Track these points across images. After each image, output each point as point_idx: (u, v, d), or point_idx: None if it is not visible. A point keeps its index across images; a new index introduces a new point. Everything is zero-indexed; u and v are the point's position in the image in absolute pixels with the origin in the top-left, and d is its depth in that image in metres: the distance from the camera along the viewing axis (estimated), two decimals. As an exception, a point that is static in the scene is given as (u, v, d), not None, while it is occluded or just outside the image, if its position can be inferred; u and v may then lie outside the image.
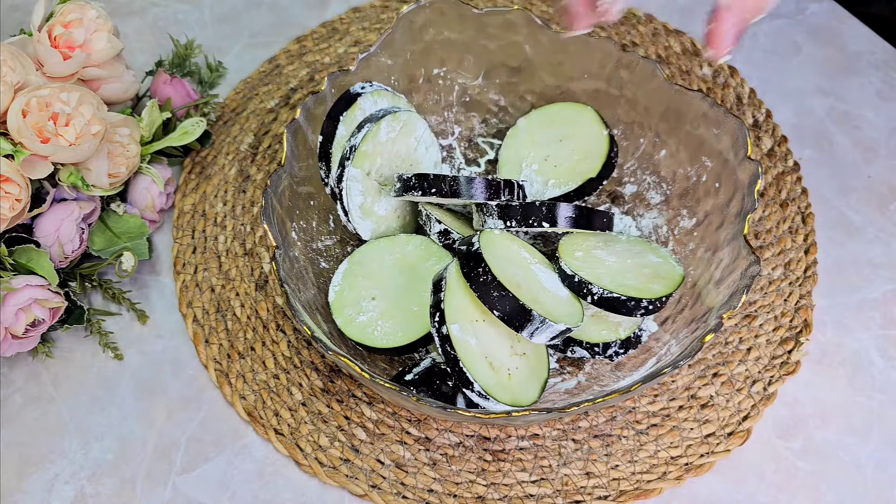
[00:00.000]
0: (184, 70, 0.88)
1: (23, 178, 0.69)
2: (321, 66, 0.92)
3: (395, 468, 0.68)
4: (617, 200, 0.79)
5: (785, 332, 0.74)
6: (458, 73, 0.81)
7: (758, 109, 0.87)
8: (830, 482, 0.67)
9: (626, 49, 0.75)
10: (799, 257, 0.77)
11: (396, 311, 0.69)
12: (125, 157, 0.75)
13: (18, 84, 0.69)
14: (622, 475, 0.67)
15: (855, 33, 0.94)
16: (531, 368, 0.67)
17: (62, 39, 0.73)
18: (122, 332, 0.76)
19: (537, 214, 0.68)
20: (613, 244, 0.72)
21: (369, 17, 0.96)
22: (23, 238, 0.72)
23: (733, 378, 0.71)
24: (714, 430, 0.69)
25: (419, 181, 0.69)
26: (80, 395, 0.73)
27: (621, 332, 0.69)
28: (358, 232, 0.73)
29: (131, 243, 0.76)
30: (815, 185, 0.83)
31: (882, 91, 0.89)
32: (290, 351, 0.74)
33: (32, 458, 0.70)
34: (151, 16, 0.98)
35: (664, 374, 0.59)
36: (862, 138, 0.86)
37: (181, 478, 0.69)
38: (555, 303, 0.66)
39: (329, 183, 0.73)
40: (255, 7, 0.98)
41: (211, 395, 0.73)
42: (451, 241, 0.73)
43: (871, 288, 0.77)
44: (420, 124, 0.75)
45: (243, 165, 0.85)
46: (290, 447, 0.69)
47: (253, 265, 0.78)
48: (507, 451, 0.69)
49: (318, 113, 0.73)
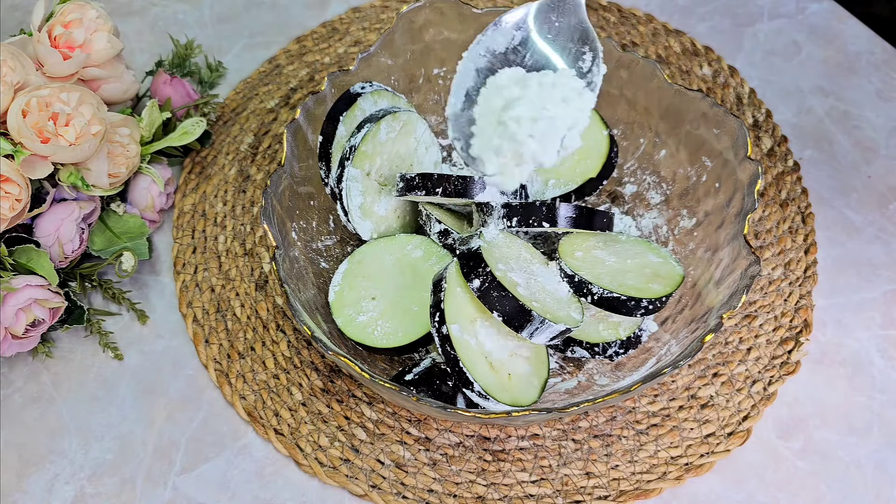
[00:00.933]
0: (184, 70, 0.88)
1: (23, 178, 0.69)
2: (321, 66, 0.92)
3: (395, 468, 0.68)
4: (617, 200, 0.79)
5: (785, 332, 0.74)
6: (458, 73, 0.81)
7: (758, 109, 0.87)
8: (830, 482, 0.67)
9: (626, 49, 0.75)
10: (799, 257, 0.78)
11: (396, 311, 0.69)
12: (125, 157, 0.75)
13: (18, 84, 0.69)
14: (622, 475, 0.67)
15: (855, 33, 0.94)
16: (531, 368, 0.67)
17: (62, 39, 0.73)
18: (122, 332, 0.76)
19: (537, 214, 0.68)
20: (613, 244, 0.72)
21: (369, 17, 0.96)
22: (23, 238, 0.72)
23: (733, 378, 0.71)
24: (714, 430, 0.69)
25: (423, 181, 0.69)
26: (80, 395, 0.73)
27: (621, 332, 0.69)
28: (358, 232, 0.73)
29: (131, 243, 0.76)
30: (815, 185, 0.83)
31: (882, 91, 0.89)
32: (290, 351, 0.74)
33: (32, 458, 0.70)
34: (151, 16, 0.98)
35: (664, 374, 0.59)
36: (862, 138, 0.86)
37: (181, 478, 0.69)
38: (555, 303, 0.66)
39: (329, 183, 0.73)
40: (255, 7, 0.98)
41: (211, 395, 0.73)
42: (451, 241, 0.73)
43: (871, 288, 0.77)
44: (420, 124, 0.75)
45: (243, 165, 0.85)
46: (290, 447, 0.69)
47: (253, 265, 0.78)
48: (507, 451, 0.69)
49: (318, 113, 0.73)
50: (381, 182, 0.73)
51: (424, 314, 0.69)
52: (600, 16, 0.95)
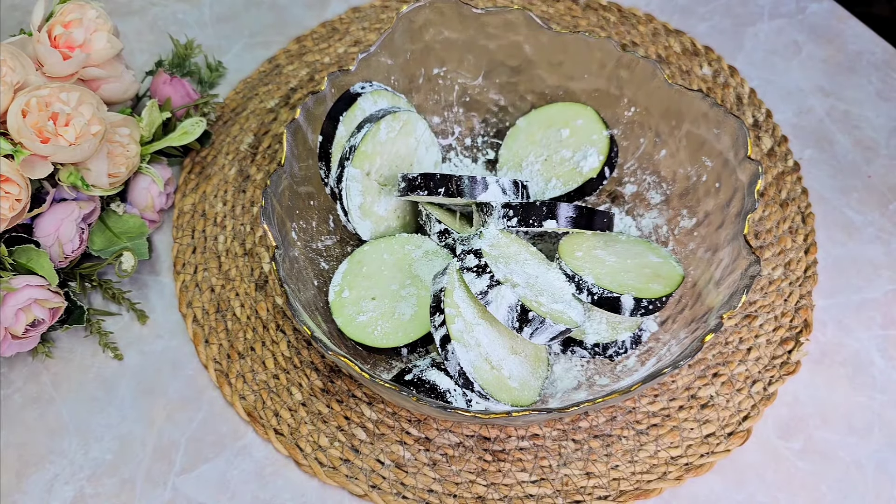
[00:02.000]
0: (184, 70, 0.88)
1: (23, 178, 0.69)
2: (321, 66, 0.92)
3: (395, 468, 0.68)
4: (617, 200, 0.79)
5: (785, 332, 0.74)
6: (458, 73, 0.81)
7: (758, 109, 0.87)
8: (830, 482, 0.67)
9: (626, 49, 0.75)
10: (799, 257, 0.77)
11: (396, 311, 0.69)
12: (125, 157, 0.75)
13: (18, 84, 0.69)
14: (622, 475, 0.67)
15: (855, 33, 0.94)
16: (531, 368, 0.67)
17: (62, 39, 0.73)
18: (122, 332, 0.76)
19: (537, 214, 0.68)
20: (613, 244, 0.72)
21: (369, 17, 0.96)
22: (23, 238, 0.72)
23: (733, 378, 0.71)
24: (714, 430, 0.69)
25: (425, 181, 0.69)
26: (79, 395, 0.73)
27: (621, 332, 0.69)
28: (358, 232, 0.73)
29: (131, 243, 0.76)
30: (815, 185, 0.83)
31: (882, 91, 0.89)
32: (290, 351, 0.74)
33: (32, 459, 0.70)
34: (151, 16, 0.98)
35: (664, 374, 0.59)
36: (862, 138, 0.86)
37: (181, 478, 0.69)
38: (555, 303, 0.66)
39: (329, 183, 0.73)
40: (255, 7, 0.98)
41: (211, 395, 0.72)
42: (451, 241, 0.73)
43: (871, 288, 0.77)
44: (420, 124, 0.75)
45: (243, 165, 0.85)
46: (290, 447, 0.69)
47: (253, 265, 0.78)
48: (507, 451, 0.69)
49: (318, 113, 0.73)
50: (381, 182, 0.73)
51: (424, 314, 0.69)
52: (600, 16, 0.95)
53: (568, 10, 0.95)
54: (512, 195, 0.70)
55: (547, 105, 0.80)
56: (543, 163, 0.77)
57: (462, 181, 0.68)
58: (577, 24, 0.94)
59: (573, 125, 0.77)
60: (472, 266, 0.65)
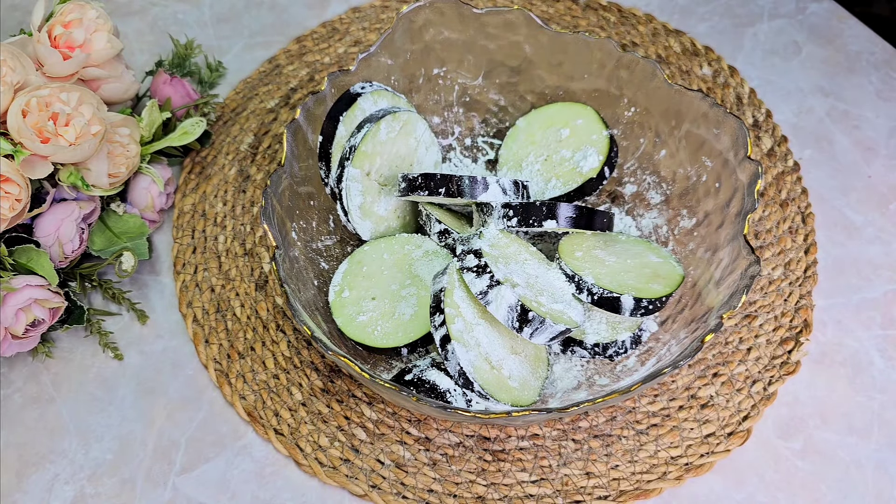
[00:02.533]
0: (184, 70, 0.88)
1: (23, 178, 0.69)
2: (321, 66, 0.92)
3: (395, 468, 0.68)
4: (617, 200, 0.79)
5: (785, 332, 0.74)
6: (458, 73, 0.81)
7: (758, 109, 0.87)
8: (830, 482, 0.67)
9: (626, 49, 0.75)
10: (799, 257, 0.77)
11: (396, 311, 0.69)
12: (125, 157, 0.75)
13: (18, 84, 0.69)
14: (622, 475, 0.67)
15: (855, 33, 0.94)
16: (531, 368, 0.67)
17: (62, 39, 0.73)
18: (122, 332, 0.76)
19: (537, 214, 0.68)
20: (613, 244, 0.72)
21: (369, 17, 0.96)
22: (23, 238, 0.72)
23: (733, 378, 0.71)
24: (714, 430, 0.69)
25: (425, 181, 0.69)
26: (79, 395, 0.73)
27: (621, 332, 0.69)
28: (358, 232, 0.73)
29: (131, 243, 0.76)
30: (815, 185, 0.83)
31: (882, 91, 0.89)
32: (290, 351, 0.74)
33: (32, 458, 0.70)
34: (151, 16, 0.98)
35: (664, 374, 0.59)
36: (862, 138, 0.86)
37: (181, 478, 0.69)
38: (555, 303, 0.66)
39: (329, 183, 0.73)
40: (255, 7, 0.98)
41: (211, 395, 0.73)
42: (451, 241, 0.73)
43: (871, 288, 0.77)
44: (420, 124, 0.75)
45: (243, 165, 0.85)
46: (290, 447, 0.69)
47: (253, 265, 0.78)
48: (507, 451, 0.69)
49: (318, 113, 0.73)
50: (381, 182, 0.73)
51: (424, 314, 0.69)
52: (600, 16, 0.95)
53: (568, 10, 0.95)
54: (512, 195, 0.70)
55: (547, 105, 0.80)
56: (543, 163, 0.77)
57: (462, 181, 0.68)
58: (576, 24, 0.94)
59: (573, 125, 0.77)
60: (472, 266, 0.65)
